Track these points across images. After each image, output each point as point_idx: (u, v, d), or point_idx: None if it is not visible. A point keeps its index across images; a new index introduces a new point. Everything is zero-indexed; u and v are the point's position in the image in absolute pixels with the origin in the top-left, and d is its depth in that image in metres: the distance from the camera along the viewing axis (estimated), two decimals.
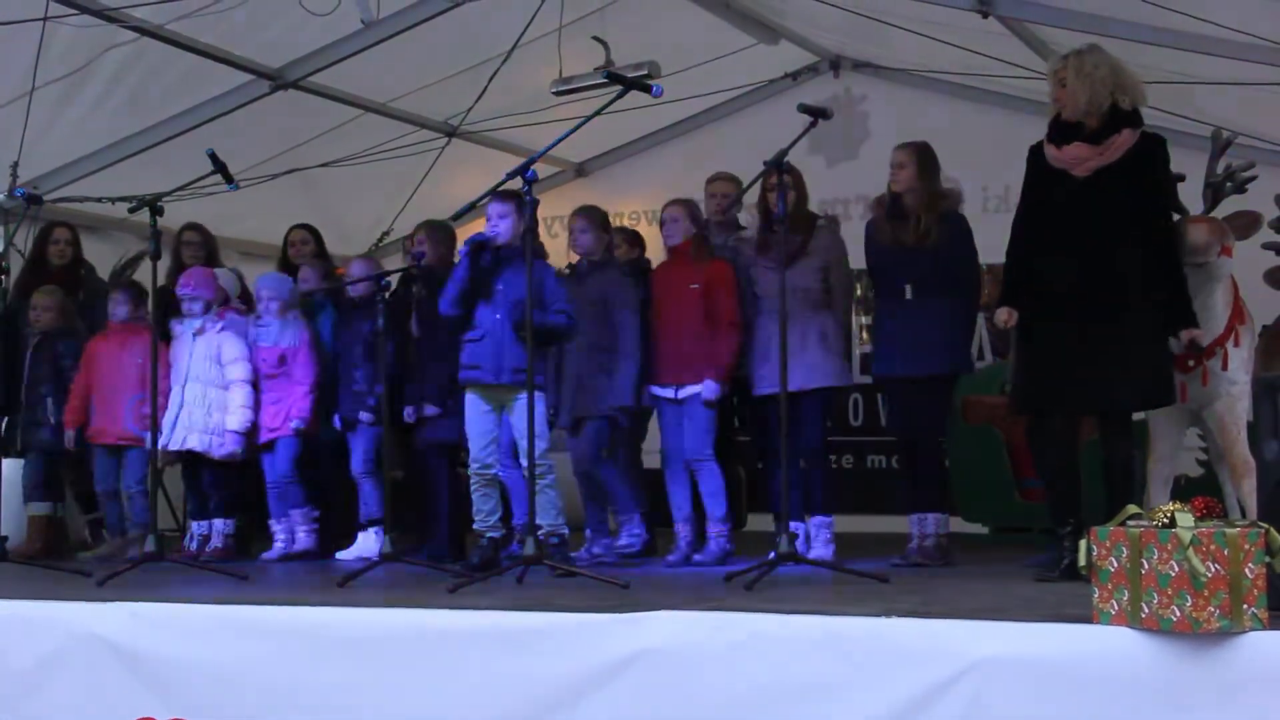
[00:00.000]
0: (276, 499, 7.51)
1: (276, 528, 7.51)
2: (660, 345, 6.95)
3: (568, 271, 7.23)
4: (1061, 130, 5.73)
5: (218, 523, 7.51)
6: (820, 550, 6.71)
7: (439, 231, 7.52)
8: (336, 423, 7.55)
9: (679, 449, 6.93)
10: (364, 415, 7.39)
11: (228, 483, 7.55)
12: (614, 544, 7.03)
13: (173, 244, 8.55)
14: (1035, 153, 5.85)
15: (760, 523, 7.92)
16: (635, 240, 7.89)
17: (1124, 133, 5.63)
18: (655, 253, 7.54)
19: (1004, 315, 5.87)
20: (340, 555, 7.37)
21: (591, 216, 7.19)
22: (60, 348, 7.88)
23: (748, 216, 7.25)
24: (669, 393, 6.91)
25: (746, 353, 6.84)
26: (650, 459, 7.51)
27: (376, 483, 7.37)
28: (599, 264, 7.15)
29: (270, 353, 7.52)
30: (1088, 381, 5.61)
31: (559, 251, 7.87)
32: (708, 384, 6.75)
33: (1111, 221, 5.60)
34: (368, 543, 7.31)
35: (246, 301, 8.03)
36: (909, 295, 6.63)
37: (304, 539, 7.48)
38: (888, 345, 6.74)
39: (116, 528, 7.76)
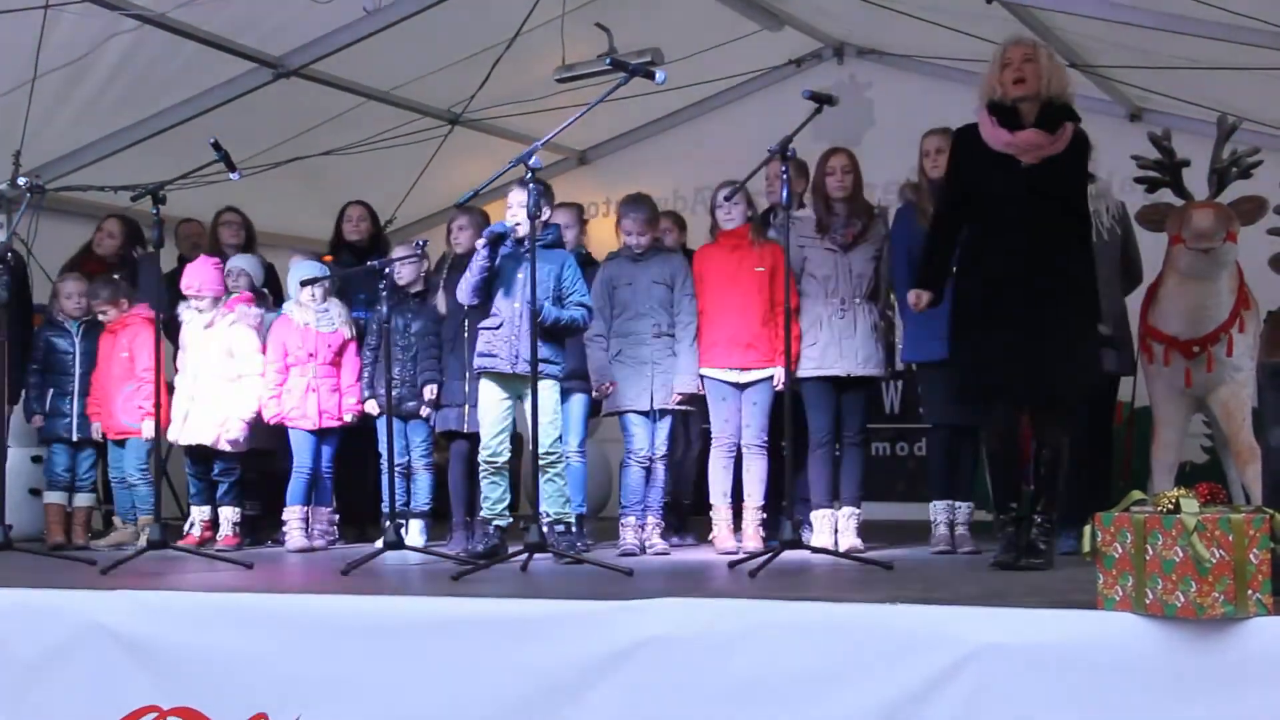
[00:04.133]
0: (307, 488, 7.40)
1: (296, 517, 7.38)
2: (721, 329, 6.76)
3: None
4: (1005, 114, 5.58)
5: (226, 510, 7.47)
6: (850, 540, 6.61)
7: (477, 217, 7.45)
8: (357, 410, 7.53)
9: (735, 432, 6.77)
10: (424, 409, 7.33)
11: (236, 470, 7.52)
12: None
13: (196, 231, 8.58)
14: (965, 137, 5.71)
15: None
16: (680, 224, 7.86)
17: (1068, 126, 5.57)
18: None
19: (914, 297, 5.85)
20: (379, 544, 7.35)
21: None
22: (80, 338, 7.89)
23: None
24: (733, 376, 6.77)
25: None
26: None
27: (429, 474, 7.42)
28: (658, 249, 7.06)
29: (334, 338, 7.47)
30: (1028, 374, 5.51)
31: (601, 238, 7.80)
32: (779, 370, 6.58)
33: (1052, 211, 5.52)
34: (414, 532, 7.34)
35: (273, 290, 8.03)
36: None
37: (321, 539, 7.42)
38: (923, 330, 6.55)
39: (128, 516, 7.77)
